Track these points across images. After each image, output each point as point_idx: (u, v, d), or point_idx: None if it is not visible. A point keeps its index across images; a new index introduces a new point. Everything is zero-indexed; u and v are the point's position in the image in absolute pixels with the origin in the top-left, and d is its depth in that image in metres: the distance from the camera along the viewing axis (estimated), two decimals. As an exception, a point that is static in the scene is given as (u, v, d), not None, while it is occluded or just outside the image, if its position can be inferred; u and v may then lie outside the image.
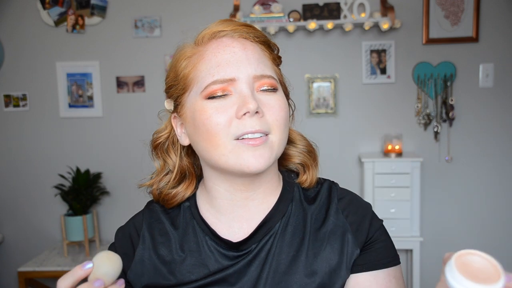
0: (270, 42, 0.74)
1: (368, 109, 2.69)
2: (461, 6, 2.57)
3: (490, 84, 2.60)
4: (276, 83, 0.70)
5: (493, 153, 2.64)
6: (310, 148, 0.81)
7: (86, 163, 2.79)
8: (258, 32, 0.72)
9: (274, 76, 0.70)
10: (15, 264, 2.80)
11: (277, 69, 0.75)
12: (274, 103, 0.68)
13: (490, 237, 2.68)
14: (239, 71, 0.66)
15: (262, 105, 0.67)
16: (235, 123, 0.66)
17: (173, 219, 0.77)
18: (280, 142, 0.69)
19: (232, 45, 0.68)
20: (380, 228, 0.75)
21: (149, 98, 2.79)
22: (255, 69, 0.67)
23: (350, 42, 2.66)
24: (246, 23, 0.71)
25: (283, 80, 0.76)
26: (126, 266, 0.75)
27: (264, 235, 0.72)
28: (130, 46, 2.76)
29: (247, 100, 0.65)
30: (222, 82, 0.66)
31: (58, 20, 2.76)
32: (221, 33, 0.69)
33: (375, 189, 2.45)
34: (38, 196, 2.88)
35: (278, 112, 0.68)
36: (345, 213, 0.74)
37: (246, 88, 0.66)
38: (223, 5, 2.66)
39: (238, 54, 0.67)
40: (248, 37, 0.70)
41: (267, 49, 0.72)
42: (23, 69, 2.83)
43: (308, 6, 2.60)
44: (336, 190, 0.78)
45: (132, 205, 2.83)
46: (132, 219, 0.84)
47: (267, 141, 0.67)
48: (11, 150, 2.88)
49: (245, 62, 0.67)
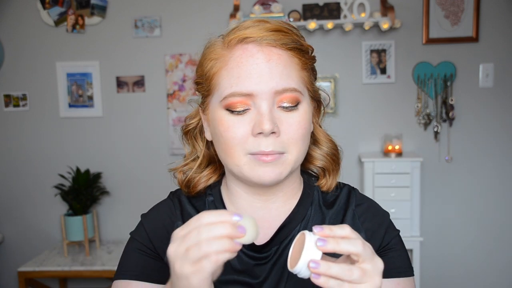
0: (303, 45, 0.69)
1: (368, 109, 2.69)
2: (461, 6, 2.57)
3: (490, 84, 2.60)
4: (299, 96, 0.67)
5: (493, 153, 2.64)
6: (334, 151, 0.78)
7: (86, 163, 2.79)
8: (288, 38, 0.67)
9: (298, 88, 0.67)
10: (15, 264, 2.80)
11: (306, 74, 0.70)
12: (293, 121, 0.66)
13: (490, 237, 2.68)
14: (259, 86, 0.64)
15: (281, 122, 0.65)
16: (251, 140, 0.65)
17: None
18: (297, 159, 0.69)
19: (256, 56, 0.65)
20: (395, 237, 0.76)
21: (149, 98, 2.79)
22: (276, 83, 0.65)
23: (350, 42, 2.66)
24: (278, 27, 0.67)
25: (312, 83, 0.73)
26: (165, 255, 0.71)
27: (284, 238, 0.72)
28: (130, 46, 2.76)
29: (263, 120, 0.63)
30: (240, 95, 0.65)
31: (58, 20, 2.76)
32: (248, 40, 0.66)
33: (375, 189, 2.45)
34: (38, 196, 2.88)
35: (296, 130, 0.67)
36: (362, 219, 0.75)
37: (265, 104, 0.65)
38: (223, 5, 2.66)
39: (261, 67, 0.64)
40: (276, 45, 0.66)
41: (297, 54, 0.68)
42: (23, 69, 2.83)
43: (308, 6, 2.60)
44: (355, 196, 0.78)
45: (132, 205, 2.84)
46: (160, 208, 0.79)
47: (281, 158, 0.67)
48: (11, 150, 2.88)
49: (266, 76, 0.64)
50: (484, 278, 2.70)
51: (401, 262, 0.74)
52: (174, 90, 2.76)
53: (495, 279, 2.69)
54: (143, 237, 0.75)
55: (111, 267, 2.43)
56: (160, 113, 2.78)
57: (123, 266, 0.74)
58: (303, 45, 0.69)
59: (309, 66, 0.71)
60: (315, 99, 0.75)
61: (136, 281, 0.71)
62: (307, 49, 0.70)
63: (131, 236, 0.77)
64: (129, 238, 0.77)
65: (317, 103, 0.76)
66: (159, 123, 2.79)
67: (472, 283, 2.71)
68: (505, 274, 2.68)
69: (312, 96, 0.73)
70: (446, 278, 2.70)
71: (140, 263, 0.73)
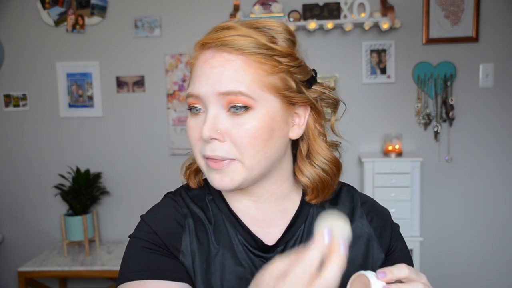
0: (273, 49, 0.65)
1: (368, 109, 2.69)
2: (461, 6, 2.57)
3: (490, 84, 2.60)
4: (247, 101, 0.63)
5: (493, 153, 2.64)
6: (328, 173, 0.72)
7: (86, 163, 2.79)
8: (250, 42, 0.64)
9: (247, 92, 0.63)
10: (15, 264, 2.80)
11: (276, 79, 0.65)
12: (240, 127, 0.63)
13: (490, 237, 2.68)
14: (204, 88, 0.65)
15: (229, 128, 0.64)
16: (202, 143, 0.66)
17: (205, 211, 0.74)
18: (252, 167, 0.65)
19: (209, 61, 0.65)
20: (399, 234, 0.78)
21: (149, 98, 2.79)
22: (221, 86, 0.63)
23: (350, 42, 2.66)
24: (242, 32, 0.65)
25: (291, 89, 0.67)
26: (177, 252, 0.71)
27: (289, 239, 0.72)
28: (130, 46, 2.76)
29: (204, 126, 0.64)
30: (193, 96, 0.66)
31: (58, 20, 2.76)
32: (207, 45, 0.66)
33: (375, 189, 2.45)
34: (38, 196, 2.88)
35: (243, 137, 0.63)
36: (369, 217, 0.76)
37: (211, 109, 0.64)
38: (223, 5, 2.66)
39: (210, 71, 0.64)
40: (231, 50, 0.64)
41: (261, 59, 0.64)
42: (23, 69, 2.83)
43: (308, 6, 2.60)
44: (357, 194, 0.79)
45: (132, 205, 2.84)
46: (163, 207, 0.76)
47: (231, 166, 0.65)
48: (11, 150, 2.88)
49: (212, 80, 0.64)
50: (484, 278, 2.70)
51: (406, 259, 0.76)
52: (174, 90, 2.76)
53: (495, 279, 2.69)
54: (149, 236, 0.71)
55: (111, 267, 2.44)
56: (160, 113, 2.79)
57: (129, 268, 0.69)
58: (273, 49, 0.65)
59: (282, 70, 0.66)
60: (311, 106, 0.70)
61: (150, 280, 0.66)
62: (280, 53, 0.65)
63: (133, 238, 0.73)
64: (131, 240, 0.73)
65: (315, 111, 0.71)
66: (159, 123, 2.79)
67: (472, 283, 2.71)
68: (505, 274, 2.68)
69: (294, 102, 0.68)
70: (446, 278, 2.70)
71: (151, 261, 0.68)
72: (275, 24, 0.68)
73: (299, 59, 0.69)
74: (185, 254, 0.69)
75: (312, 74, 0.71)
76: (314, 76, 0.72)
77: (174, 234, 0.70)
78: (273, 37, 0.66)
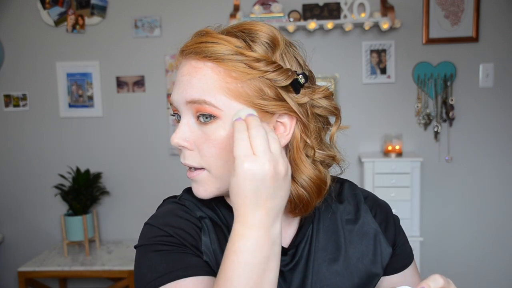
0: (246, 56, 0.61)
1: (368, 109, 2.69)
2: (461, 6, 2.57)
3: (490, 84, 2.60)
4: (212, 110, 0.61)
5: (493, 153, 2.64)
6: (310, 195, 0.66)
7: (86, 163, 2.79)
8: (220, 49, 0.61)
9: (212, 101, 0.61)
10: (15, 264, 2.80)
11: (250, 87, 0.61)
12: (206, 136, 0.63)
13: (490, 237, 2.68)
14: (175, 97, 0.65)
15: (197, 138, 0.64)
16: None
17: (217, 214, 0.72)
18: (221, 176, 0.64)
19: (182, 69, 0.65)
20: (400, 227, 0.80)
21: (149, 98, 2.79)
22: (186, 94, 0.63)
23: (350, 42, 2.66)
24: (213, 38, 0.63)
25: (265, 96, 0.62)
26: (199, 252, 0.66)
27: (300, 241, 0.72)
28: (130, 46, 2.76)
29: (173, 134, 0.65)
30: (171, 103, 0.67)
31: (58, 20, 2.76)
32: (182, 52, 0.67)
33: (375, 189, 2.45)
34: (38, 196, 2.88)
35: (209, 147, 0.63)
36: (373, 212, 0.77)
37: (184, 116, 0.65)
38: (223, 5, 2.66)
39: (179, 80, 0.65)
40: (199, 58, 0.63)
41: (231, 67, 0.61)
42: (23, 69, 2.83)
43: (308, 6, 2.60)
44: (358, 189, 0.80)
45: (132, 205, 2.84)
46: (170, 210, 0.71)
47: (200, 176, 0.65)
48: (11, 150, 2.88)
49: (182, 88, 0.64)
50: (484, 278, 2.70)
51: (408, 248, 0.79)
52: (174, 90, 2.76)
53: (495, 279, 2.69)
54: (165, 239, 0.65)
55: (111, 267, 2.44)
56: (160, 113, 2.78)
57: (152, 275, 0.62)
58: (244, 55, 0.61)
59: (254, 76, 0.61)
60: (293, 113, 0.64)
61: (183, 279, 0.60)
62: (254, 58, 0.61)
63: (143, 246, 0.66)
64: (141, 249, 0.66)
65: (301, 120, 0.65)
66: (159, 123, 2.79)
67: (472, 282, 2.71)
68: (505, 274, 2.68)
69: (270, 111, 0.63)
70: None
71: (177, 260, 0.63)
72: (258, 28, 0.64)
73: (275, 63, 0.62)
74: (207, 254, 0.66)
75: (296, 78, 0.63)
76: (298, 80, 0.64)
77: (193, 235, 0.66)
78: (248, 42, 0.63)
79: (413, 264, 0.80)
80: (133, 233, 2.72)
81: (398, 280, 0.77)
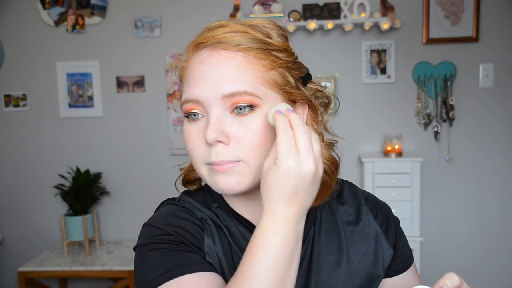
0: (270, 44, 0.63)
1: (368, 109, 2.69)
2: (461, 6, 2.57)
3: (490, 84, 2.60)
4: (253, 100, 0.61)
5: (493, 153, 2.64)
6: (327, 171, 0.68)
7: (86, 163, 2.79)
8: (246, 38, 0.62)
9: (252, 90, 0.61)
10: (15, 264, 2.80)
11: (276, 74, 0.63)
12: (246, 127, 0.61)
13: (490, 237, 2.68)
14: (204, 92, 0.61)
15: (234, 130, 0.61)
16: (206, 149, 0.63)
17: (218, 216, 0.71)
18: (256, 168, 0.62)
19: (205, 61, 0.62)
20: (400, 229, 0.80)
21: (149, 98, 2.79)
22: (223, 87, 0.60)
23: (350, 42, 2.66)
24: (236, 28, 0.63)
25: (290, 84, 0.65)
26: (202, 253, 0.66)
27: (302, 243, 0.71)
28: (130, 46, 2.76)
29: (207, 129, 0.60)
30: (190, 101, 0.63)
31: (58, 20, 2.76)
32: (201, 45, 0.64)
33: (375, 189, 2.45)
34: (38, 196, 2.88)
35: (250, 137, 0.61)
36: (374, 213, 0.76)
37: (213, 112, 0.61)
38: (223, 5, 2.66)
39: (208, 73, 0.61)
40: (228, 47, 0.62)
41: (260, 54, 0.62)
42: (23, 69, 2.83)
43: (308, 6, 2.60)
44: (359, 190, 0.79)
45: (132, 205, 2.84)
46: (170, 211, 0.70)
47: (236, 167, 0.62)
48: (11, 150, 2.88)
49: (212, 82, 0.61)
50: (484, 278, 2.69)
51: (408, 250, 0.79)
52: (174, 90, 2.76)
53: (495, 279, 2.69)
54: (166, 238, 0.64)
55: (111, 267, 2.44)
56: (160, 113, 2.79)
57: (154, 272, 0.61)
58: (271, 44, 0.63)
59: (282, 65, 0.64)
60: (309, 104, 0.68)
61: (187, 275, 0.60)
62: (277, 48, 0.63)
63: (142, 245, 0.65)
64: (140, 249, 0.65)
65: (313, 109, 0.69)
66: (159, 123, 2.79)
67: (472, 282, 2.68)
68: (505, 273, 2.68)
69: (295, 99, 0.66)
70: (446, 278, 2.70)
71: (179, 257, 0.62)
72: (266, 22, 0.66)
73: (295, 55, 0.67)
74: (210, 255, 0.66)
75: (307, 71, 0.69)
76: (309, 73, 0.70)
77: (195, 235, 0.65)
78: (268, 33, 0.64)
79: (413, 265, 0.81)
80: (133, 233, 2.72)
81: (399, 282, 0.76)
